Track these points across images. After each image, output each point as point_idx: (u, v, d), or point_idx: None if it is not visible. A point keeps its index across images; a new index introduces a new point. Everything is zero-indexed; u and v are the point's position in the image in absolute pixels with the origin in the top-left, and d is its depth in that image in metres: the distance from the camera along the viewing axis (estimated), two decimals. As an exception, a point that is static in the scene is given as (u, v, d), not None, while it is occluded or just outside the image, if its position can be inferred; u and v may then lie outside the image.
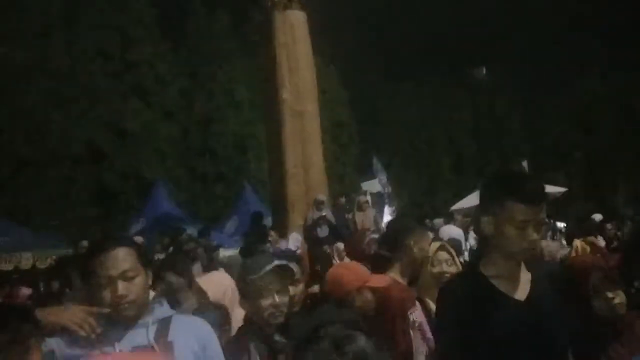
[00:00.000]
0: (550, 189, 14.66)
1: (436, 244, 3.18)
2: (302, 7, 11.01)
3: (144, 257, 2.01)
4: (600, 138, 29.85)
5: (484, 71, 35.09)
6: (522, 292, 2.00)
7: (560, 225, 14.06)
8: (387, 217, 14.50)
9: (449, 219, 10.28)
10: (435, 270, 3.03)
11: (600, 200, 26.83)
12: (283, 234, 9.60)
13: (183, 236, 9.89)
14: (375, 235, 5.59)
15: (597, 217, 12.92)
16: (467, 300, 1.94)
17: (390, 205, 17.29)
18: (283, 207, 10.02)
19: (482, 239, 2.11)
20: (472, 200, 14.27)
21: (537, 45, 32.75)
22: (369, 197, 11.42)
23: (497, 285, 1.98)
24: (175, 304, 2.98)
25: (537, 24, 32.92)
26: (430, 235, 3.36)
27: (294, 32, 10.84)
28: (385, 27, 31.22)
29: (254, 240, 8.26)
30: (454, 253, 3.14)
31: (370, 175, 19.97)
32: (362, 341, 1.37)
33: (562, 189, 15.06)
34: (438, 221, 12.02)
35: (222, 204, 18.11)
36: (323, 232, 8.06)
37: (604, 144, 29.46)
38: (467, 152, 30.37)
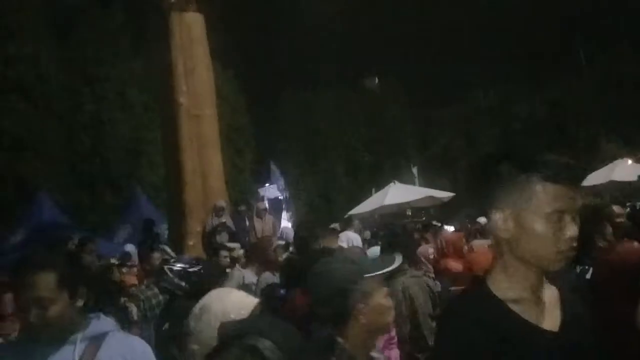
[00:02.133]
0: (439, 194, 15.48)
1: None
2: (199, 9, 10.82)
3: (71, 279, 1.88)
4: (482, 147, 31.97)
5: (376, 81, 36.37)
6: (553, 319, 1.43)
7: (450, 228, 14.79)
8: (285, 223, 14.56)
9: (347, 224, 10.47)
10: None
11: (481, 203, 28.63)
12: (180, 243, 9.33)
13: (69, 245, 9.29)
14: (282, 242, 5.58)
15: (482, 220, 13.80)
16: (481, 338, 1.35)
17: (287, 211, 17.42)
18: (180, 213, 9.74)
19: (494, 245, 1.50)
20: (367, 205, 14.70)
21: (425, 59, 34.48)
22: (266, 204, 11.42)
23: (519, 313, 1.39)
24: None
25: (425, 37, 34.64)
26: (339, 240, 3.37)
27: (190, 34, 10.62)
28: (284, 33, 31.45)
29: (146, 249, 7.93)
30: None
31: (266, 180, 19.98)
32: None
33: (450, 194, 15.89)
34: (334, 226, 12.25)
35: (112, 212, 17.24)
36: (222, 238, 7.91)
37: (486, 152, 31.58)
38: (361, 159, 31.26)
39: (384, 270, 2.01)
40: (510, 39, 33.06)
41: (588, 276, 3.04)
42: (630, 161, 14.21)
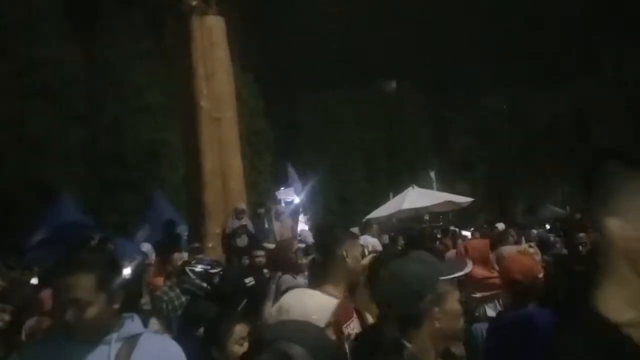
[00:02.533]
0: (457, 199, 15.35)
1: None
2: (220, 12, 10.87)
3: (110, 282, 1.88)
4: (500, 151, 31.73)
5: (394, 84, 36.30)
6: None
7: (466, 233, 14.69)
8: (302, 226, 14.56)
9: (365, 228, 10.43)
10: None
11: (501, 209, 28.51)
12: (199, 244, 9.35)
13: (91, 244, 9.38)
14: (302, 245, 5.57)
15: (500, 225, 13.69)
16: None
17: (305, 214, 17.41)
18: (200, 215, 9.77)
19: (598, 258, 1.25)
20: (386, 209, 14.62)
21: (443, 62, 34.27)
22: (284, 206, 11.43)
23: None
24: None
25: (442, 42, 34.44)
26: (361, 244, 3.32)
27: (211, 38, 10.66)
28: (301, 36, 31.46)
29: (167, 248, 7.99)
30: None
31: (284, 183, 20.01)
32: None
33: (468, 199, 15.75)
34: (353, 230, 12.19)
35: (132, 213, 17.40)
36: (242, 241, 7.93)
37: (504, 157, 31.36)
38: (379, 162, 31.19)
39: (460, 274, 1.93)
40: (523, 41, 32.75)
41: None
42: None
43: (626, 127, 26.01)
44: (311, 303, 2.22)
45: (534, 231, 12.91)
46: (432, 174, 23.24)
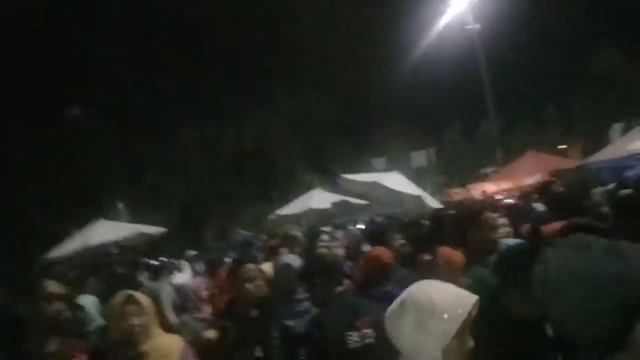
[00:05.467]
0: (149, 229, 14.96)
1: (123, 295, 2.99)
2: None
3: None
4: (193, 180, 32.48)
5: (79, 111, 33.78)
6: None
7: (154, 262, 14.40)
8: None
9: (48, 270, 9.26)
10: (125, 325, 2.90)
11: (193, 237, 28.92)
12: None
13: None
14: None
15: (191, 253, 13.83)
16: None
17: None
18: None
19: None
20: (69, 246, 13.32)
21: (134, 92, 33.38)
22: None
23: None
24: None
25: (132, 67, 33.62)
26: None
27: None
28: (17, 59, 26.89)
29: None
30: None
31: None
32: None
33: (161, 229, 15.51)
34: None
35: None
36: None
37: (197, 186, 32.19)
38: (57, 195, 28.42)
39: None
40: (216, 76, 34.49)
41: None
42: (324, 191, 15.79)
43: (301, 155, 29.49)
44: (443, 296, 1.78)
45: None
46: (121, 206, 22.22)
